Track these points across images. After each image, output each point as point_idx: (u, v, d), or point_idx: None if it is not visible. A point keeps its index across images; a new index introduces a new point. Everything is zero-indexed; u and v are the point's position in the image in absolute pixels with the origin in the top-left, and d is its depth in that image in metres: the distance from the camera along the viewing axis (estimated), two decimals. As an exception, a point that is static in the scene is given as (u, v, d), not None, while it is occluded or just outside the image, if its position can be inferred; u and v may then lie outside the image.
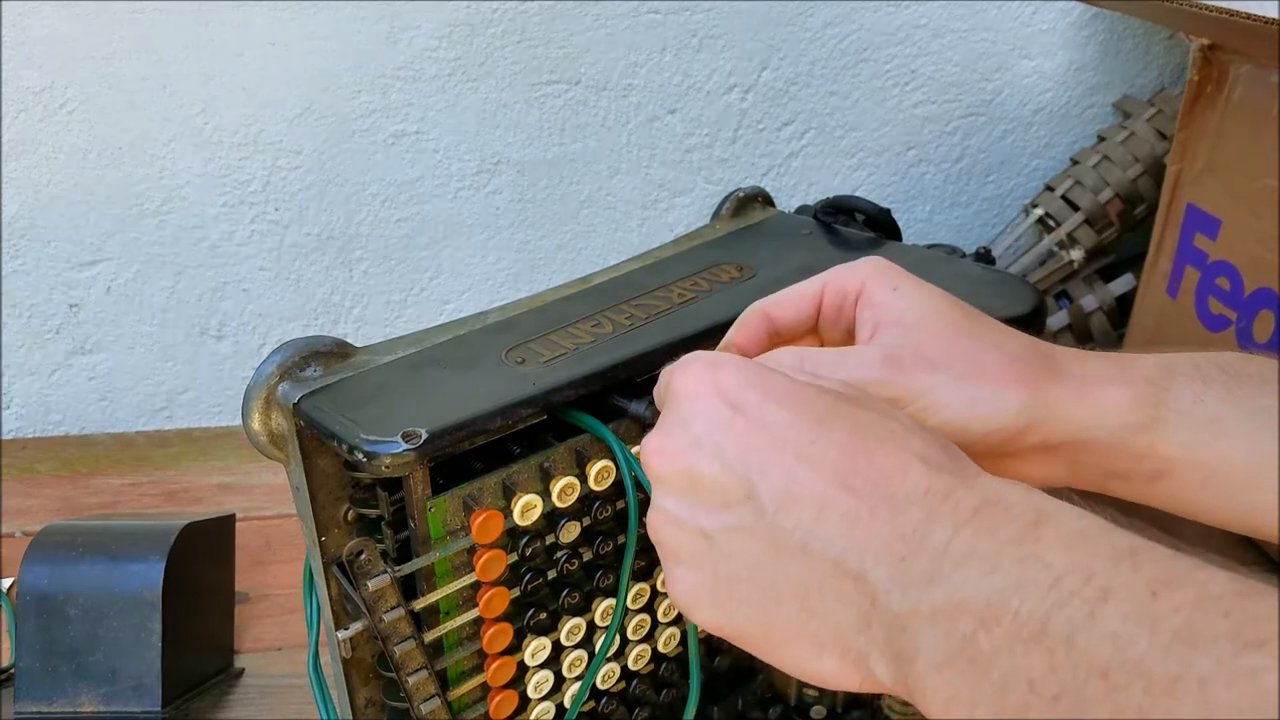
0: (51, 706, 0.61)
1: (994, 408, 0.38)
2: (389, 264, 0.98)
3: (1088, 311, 0.96)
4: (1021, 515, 0.28)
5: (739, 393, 0.34)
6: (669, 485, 0.34)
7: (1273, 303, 0.72)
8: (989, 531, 0.28)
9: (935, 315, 0.39)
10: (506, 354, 0.47)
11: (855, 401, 0.34)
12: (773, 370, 0.35)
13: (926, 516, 0.29)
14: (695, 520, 0.33)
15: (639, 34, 0.92)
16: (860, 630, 0.30)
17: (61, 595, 0.61)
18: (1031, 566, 0.26)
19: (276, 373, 0.44)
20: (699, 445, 0.33)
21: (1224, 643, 0.22)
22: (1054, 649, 0.24)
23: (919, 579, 0.28)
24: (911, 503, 0.30)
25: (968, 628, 0.26)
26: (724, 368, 0.34)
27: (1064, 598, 0.25)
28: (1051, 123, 1.01)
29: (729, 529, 0.32)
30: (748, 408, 0.33)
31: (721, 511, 0.33)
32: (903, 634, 0.28)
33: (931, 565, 0.28)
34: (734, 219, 0.65)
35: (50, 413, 0.99)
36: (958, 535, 0.28)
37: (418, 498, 0.42)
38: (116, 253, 0.94)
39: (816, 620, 0.31)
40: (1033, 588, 0.25)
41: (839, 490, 0.31)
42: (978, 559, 0.27)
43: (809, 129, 0.98)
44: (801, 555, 0.31)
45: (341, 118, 0.92)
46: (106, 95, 0.88)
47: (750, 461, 0.32)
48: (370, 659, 0.48)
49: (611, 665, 0.51)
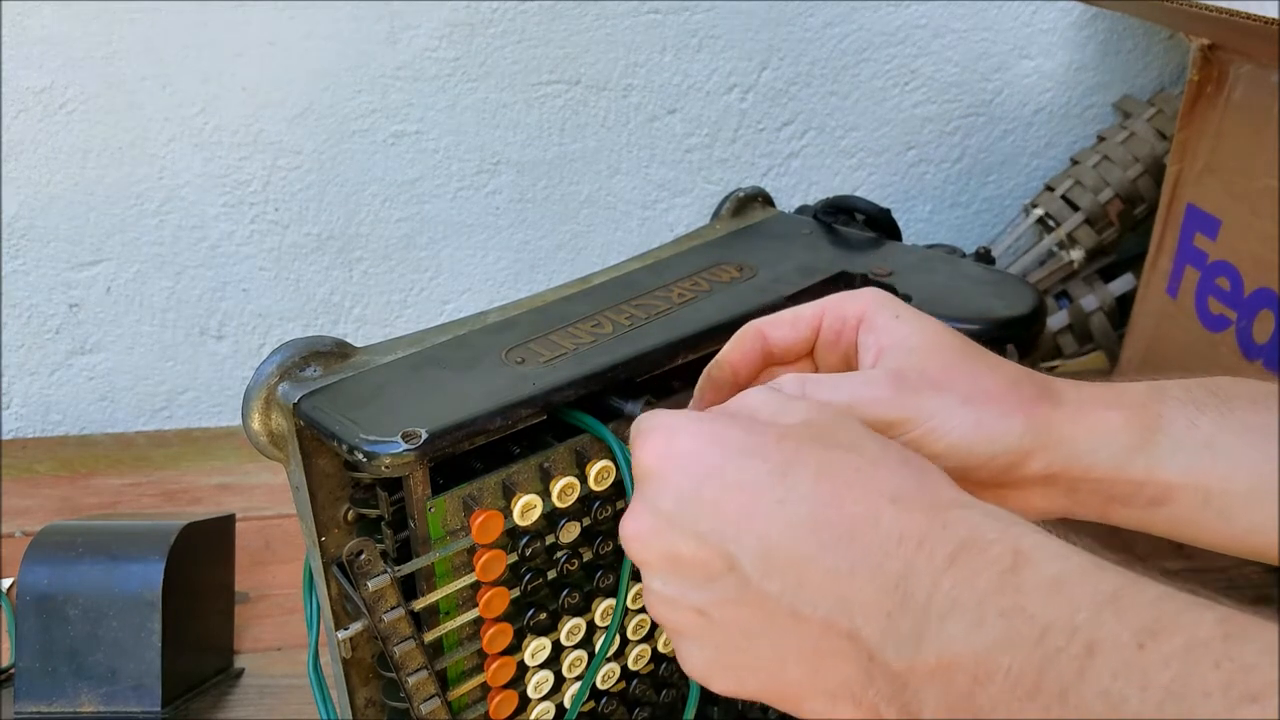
0: (51, 706, 0.61)
1: (998, 430, 0.38)
2: (389, 264, 0.98)
3: (1088, 311, 0.96)
4: (998, 559, 0.28)
5: (701, 458, 0.34)
6: (653, 568, 0.34)
7: (1273, 302, 0.72)
8: (967, 582, 0.28)
9: (938, 341, 0.40)
10: (506, 354, 0.47)
11: (819, 439, 0.33)
12: (730, 421, 0.35)
13: (904, 569, 0.29)
14: (686, 598, 0.33)
15: (639, 34, 0.92)
16: (866, 685, 0.30)
17: (61, 595, 0.61)
18: (1016, 620, 0.26)
19: (276, 373, 0.44)
20: (672, 524, 0.33)
21: (1216, 698, 0.22)
22: (1049, 706, 0.24)
23: (908, 636, 0.28)
24: (888, 554, 0.30)
25: (964, 685, 0.26)
26: (680, 435, 0.34)
27: (1051, 654, 0.25)
28: (1051, 123, 1.01)
29: (720, 602, 0.33)
30: (712, 473, 0.33)
31: (708, 586, 0.33)
32: (905, 689, 0.28)
33: (917, 621, 0.28)
34: (734, 219, 0.65)
35: (50, 413, 0.99)
36: (937, 588, 0.28)
37: (418, 498, 0.42)
38: (116, 253, 0.94)
39: (824, 677, 0.31)
40: (1020, 644, 0.25)
41: (815, 549, 0.31)
42: (961, 612, 0.27)
43: (809, 129, 0.98)
44: (793, 619, 0.31)
45: (341, 118, 0.92)
46: (106, 95, 0.88)
47: (725, 532, 0.32)
48: (370, 659, 0.48)
49: (611, 665, 0.51)
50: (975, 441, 0.38)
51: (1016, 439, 0.38)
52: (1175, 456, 0.37)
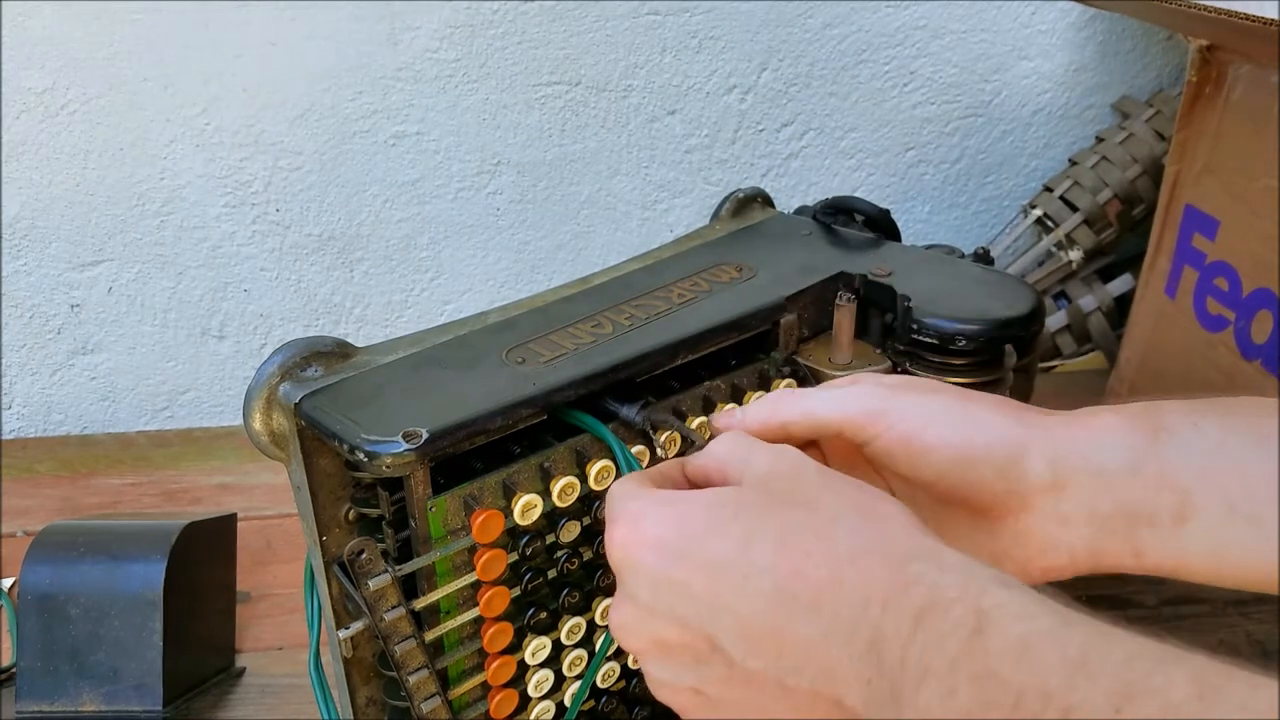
0: (53, 706, 0.61)
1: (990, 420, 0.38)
2: (390, 264, 0.98)
3: (1086, 312, 0.96)
4: (962, 621, 0.28)
5: (666, 543, 0.34)
6: (645, 655, 0.36)
7: (1271, 303, 0.72)
8: (935, 646, 0.28)
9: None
10: (507, 354, 0.47)
11: (779, 500, 0.34)
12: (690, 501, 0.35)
13: (874, 634, 0.29)
14: (681, 680, 0.35)
15: (639, 35, 0.92)
16: None
17: (63, 595, 0.61)
18: (988, 685, 0.26)
19: (278, 373, 0.44)
20: (653, 613, 0.34)
21: None
22: None
23: (887, 699, 0.29)
24: (855, 620, 0.30)
25: None
26: (642, 522, 0.35)
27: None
28: (1050, 123, 1.01)
29: (712, 680, 0.34)
30: (679, 554, 0.34)
31: (699, 667, 0.34)
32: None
33: (894, 686, 0.28)
34: (734, 219, 0.65)
35: (51, 413, 0.99)
36: (908, 654, 0.28)
37: (418, 497, 0.42)
38: (118, 253, 0.94)
39: None
40: (995, 709, 0.26)
41: (786, 620, 0.31)
42: (934, 679, 0.27)
43: (808, 130, 0.99)
44: (781, 691, 0.32)
45: (342, 118, 0.92)
46: (108, 96, 0.88)
47: (702, 615, 0.33)
48: (371, 658, 0.48)
49: (612, 664, 0.51)
50: (965, 428, 0.38)
51: (1009, 427, 0.38)
52: (1187, 457, 0.36)
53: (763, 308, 0.52)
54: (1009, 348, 0.53)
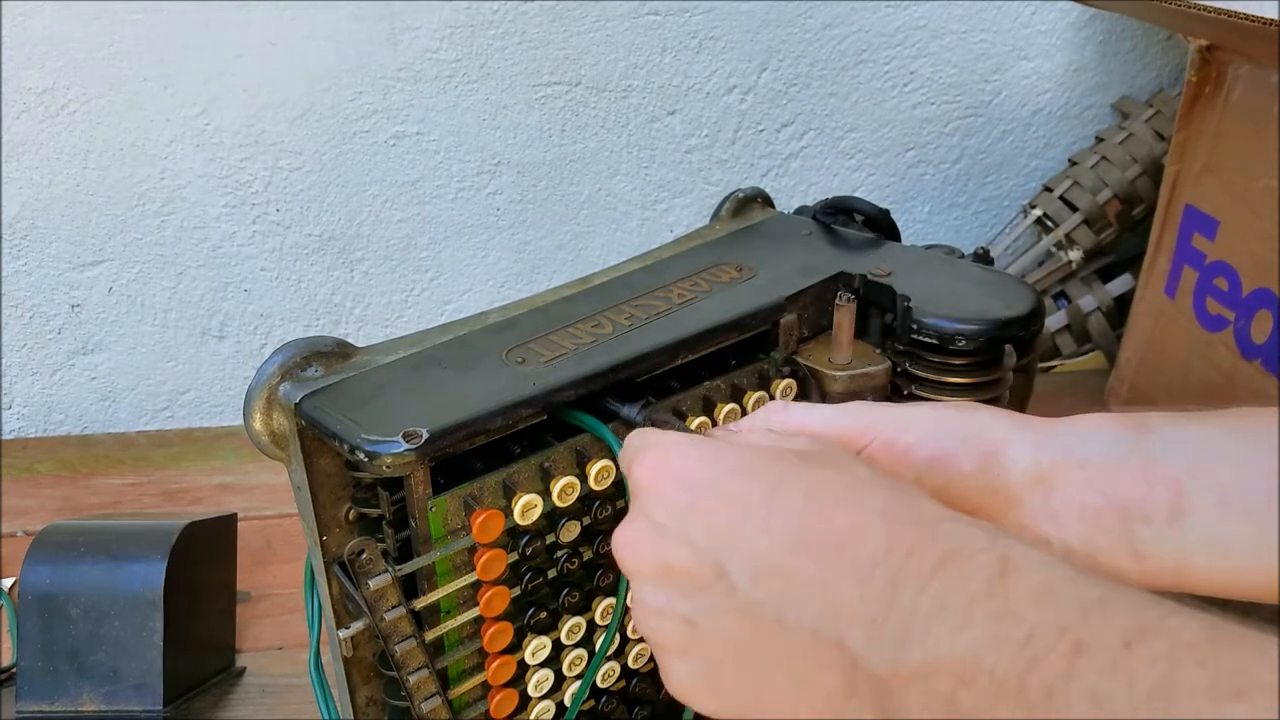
0: (53, 706, 0.61)
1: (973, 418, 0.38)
2: (390, 264, 0.98)
3: (1086, 312, 0.96)
4: (986, 566, 0.28)
5: (695, 474, 0.35)
6: (643, 577, 0.35)
7: (1271, 303, 0.72)
8: (956, 585, 0.28)
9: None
10: (507, 354, 0.47)
11: (812, 459, 0.34)
12: (724, 444, 0.36)
13: (892, 576, 0.29)
14: (674, 607, 0.34)
15: (639, 35, 0.92)
16: (849, 695, 0.30)
17: (63, 595, 0.61)
18: (1003, 622, 0.26)
19: (278, 373, 0.45)
20: (665, 534, 0.34)
21: (1202, 696, 0.22)
22: (1034, 706, 0.24)
23: (893, 640, 0.28)
24: (876, 563, 0.30)
25: (946, 687, 0.26)
26: (676, 449, 0.36)
27: (1039, 654, 0.25)
28: (1050, 123, 1.01)
29: (707, 611, 0.33)
30: (705, 487, 0.34)
31: (697, 595, 0.33)
32: (888, 696, 0.28)
33: (903, 625, 0.28)
34: (733, 220, 0.65)
35: (52, 413, 0.99)
36: (924, 593, 0.28)
37: (419, 497, 0.42)
38: (118, 253, 0.94)
39: (807, 690, 0.31)
40: (1006, 644, 0.26)
41: (803, 559, 0.31)
42: (948, 614, 0.27)
43: (808, 130, 0.99)
44: (779, 628, 0.31)
45: (342, 119, 0.92)
46: (108, 96, 0.88)
47: (716, 542, 0.33)
48: (371, 658, 0.48)
49: (611, 664, 0.51)
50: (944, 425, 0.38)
51: (990, 423, 0.38)
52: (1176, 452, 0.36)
53: (763, 308, 0.52)
54: (1009, 348, 0.53)
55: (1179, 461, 0.36)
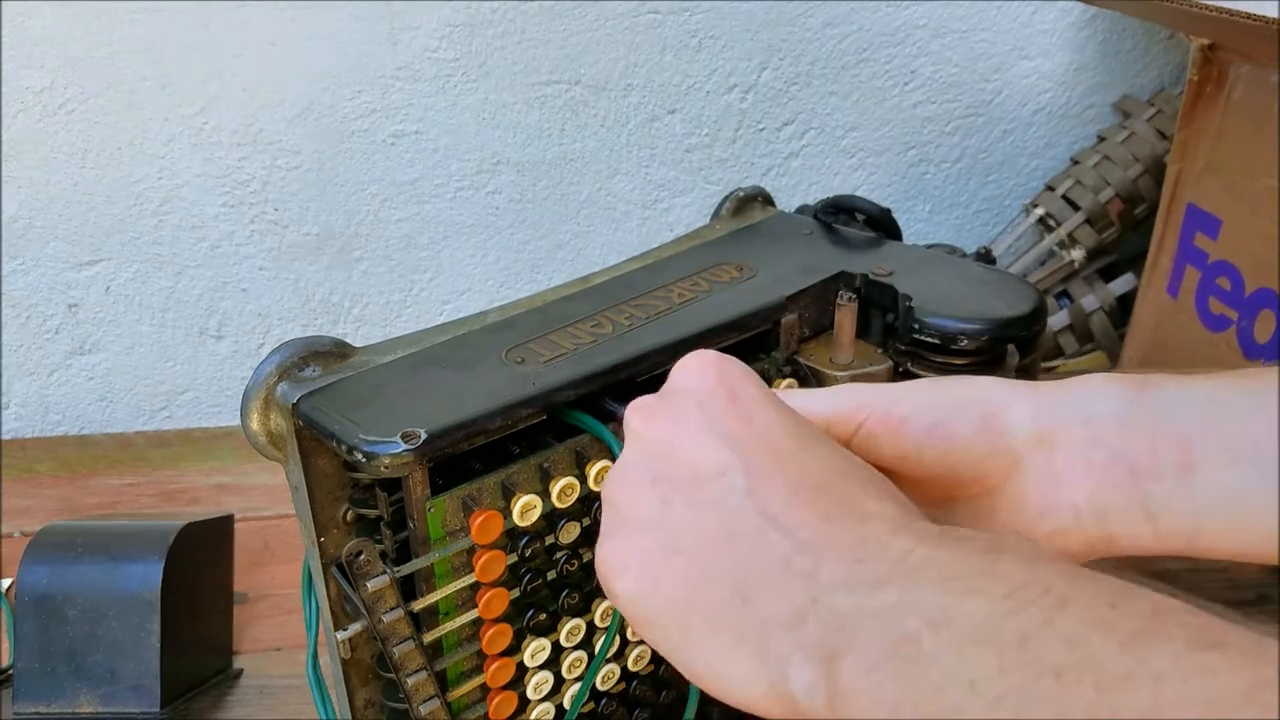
0: (50, 707, 0.61)
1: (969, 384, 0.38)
2: (388, 264, 0.98)
3: (1088, 311, 0.96)
4: (984, 539, 0.28)
5: (740, 386, 0.34)
6: (645, 446, 0.34)
7: (1273, 302, 0.72)
8: (952, 544, 0.28)
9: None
10: (506, 354, 0.47)
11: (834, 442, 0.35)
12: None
13: (891, 529, 0.29)
14: (658, 488, 0.33)
15: (639, 34, 0.92)
16: (790, 628, 0.28)
17: (60, 596, 0.61)
18: (990, 577, 0.26)
19: (275, 373, 0.44)
20: (689, 417, 0.33)
21: (1180, 643, 0.22)
22: (1004, 651, 0.24)
23: (870, 581, 0.28)
24: (880, 518, 0.30)
25: (912, 627, 0.26)
26: (731, 362, 0.35)
27: (1020, 605, 0.25)
28: (1051, 123, 1.01)
29: (692, 502, 0.32)
30: (746, 401, 0.34)
31: (690, 485, 0.32)
32: (839, 632, 0.27)
33: (888, 569, 0.28)
34: (734, 219, 0.65)
35: (49, 413, 0.99)
36: (920, 546, 0.28)
37: (417, 498, 0.42)
38: (116, 253, 0.94)
39: (747, 609, 0.29)
40: (988, 595, 0.25)
41: (812, 492, 0.31)
42: (936, 566, 0.27)
43: (809, 129, 0.98)
44: (756, 540, 0.30)
45: (341, 118, 0.92)
46: (106, 95, 0.88)
47: (736, 444, 0.32)
48: (369, 660, 0.48)
49: (611, 666, 0.51)
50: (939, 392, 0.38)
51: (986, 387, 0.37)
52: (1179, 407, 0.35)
53: (763, 307, 0.51)
54: (1011, 347, 0.52)
55: (1186, 417, 0.34)
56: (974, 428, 0.36)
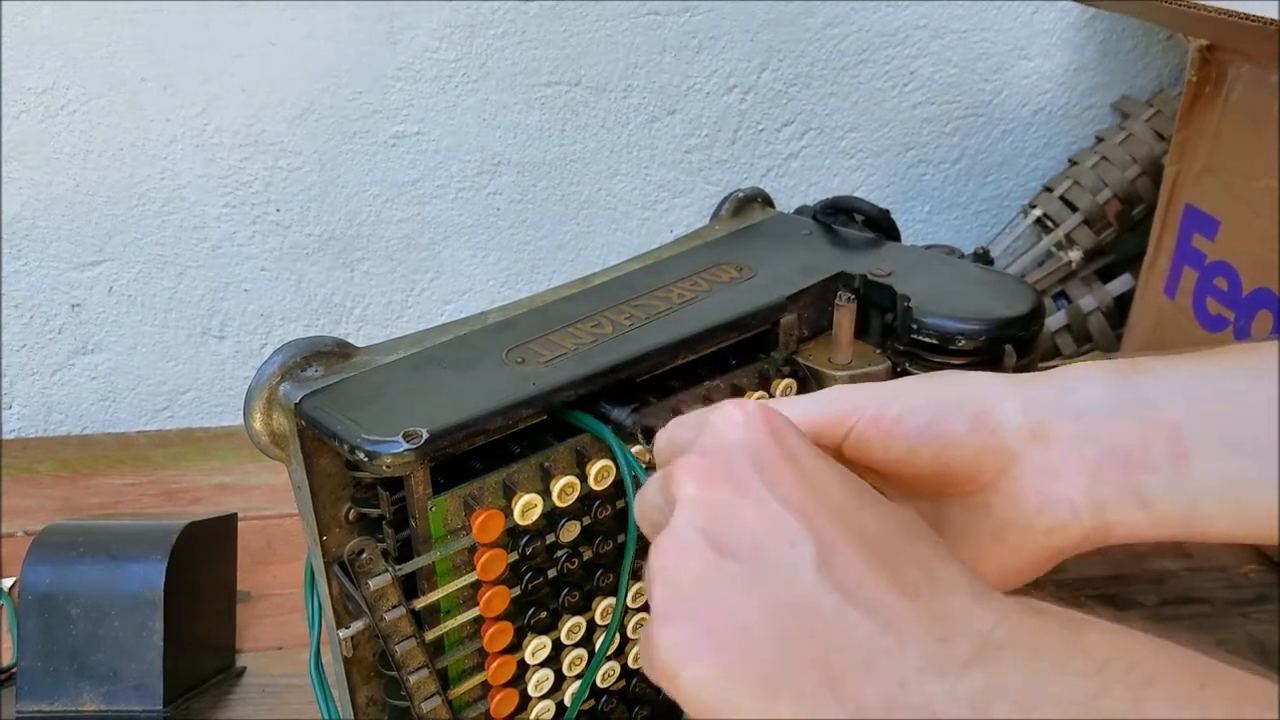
0: (53, 706, 0.61)
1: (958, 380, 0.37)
2: (390, 264, 0.98)
3: (1086, 312, 0.96)
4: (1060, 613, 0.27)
5: (794, 442, 0.32)
6: (701, 511, 0.31)
7: (1271, 303, 0.72)
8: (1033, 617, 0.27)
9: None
10: (507, 354, 0.47)
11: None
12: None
13: (971, 602, 0.28)
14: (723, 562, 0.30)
15: (639, 35, 0.92)
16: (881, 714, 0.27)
17: (63, 595, 0.61)
18: (1074, 655, 0.25)
19: (278, 373, 0.45)
20: (748, 480, 0.31)
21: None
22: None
23: (957, 662, 0.27)
24: (956, 588, 0.28)
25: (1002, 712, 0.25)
26: (778, 414, 0.34)
27: (1107, 684, 0.24)
28: (1050, 123, 1.01)
29: (762, 577, 0.29)
30: (802, 459, 0.32)
31: (755, 555, 0.30)
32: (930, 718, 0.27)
33: (972, 650, 0.27)
34: (734, 219, 0.65)
35: (52, 413, 0.99)
36: (1002, 623, 0.27)
37: (419, 497, 0.42)
38: (118, 253, 0.94)
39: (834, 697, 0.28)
40: (1075, 675, 0.25)
41: (882, 558, 0.29)
42: (1020, 647, 0.26)
43: (808, 130, 0.99)
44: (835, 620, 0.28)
45: (342, 118, 0.92)
46: (107, 96, 0.88)
47: (803, 510, 0.30)
48: (371, 658, 0.48)
49: (612, 663, 0.51)
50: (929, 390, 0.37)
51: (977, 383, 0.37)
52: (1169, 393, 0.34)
53: (763, 308, 0.52)
54: (1009, 348, 0.53)
55: (1176, 403, 0.34)
56: (967, 425, 0.36)
